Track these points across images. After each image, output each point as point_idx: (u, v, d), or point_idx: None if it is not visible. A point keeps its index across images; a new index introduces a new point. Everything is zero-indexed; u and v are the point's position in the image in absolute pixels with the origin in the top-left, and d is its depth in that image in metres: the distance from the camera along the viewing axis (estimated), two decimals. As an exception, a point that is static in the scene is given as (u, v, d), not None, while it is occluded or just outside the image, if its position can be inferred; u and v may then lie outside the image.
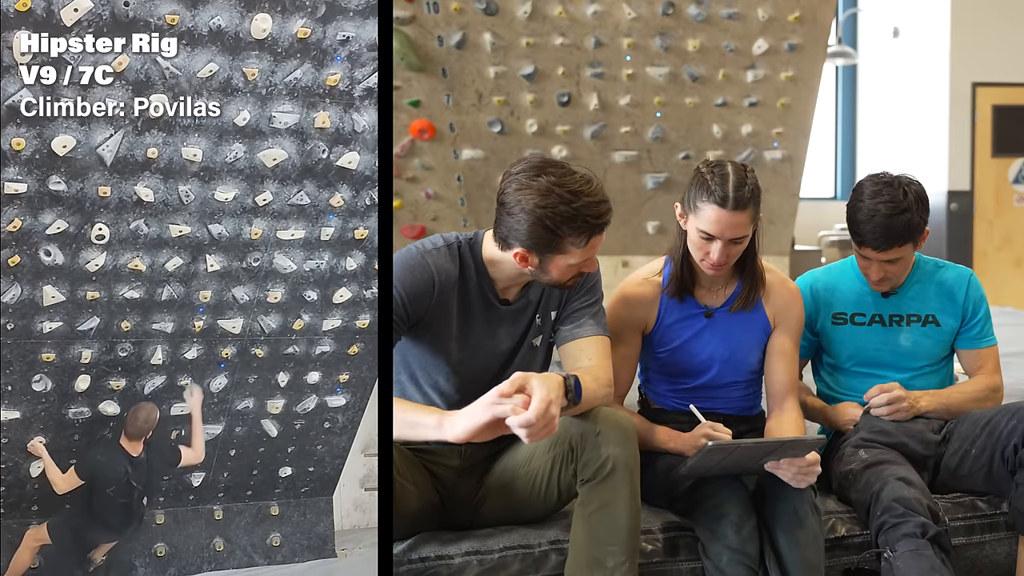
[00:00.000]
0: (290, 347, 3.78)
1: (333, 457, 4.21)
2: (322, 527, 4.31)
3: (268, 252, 3.48)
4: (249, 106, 3.04)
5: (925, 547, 2.33)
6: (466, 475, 2.43)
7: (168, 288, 3.44)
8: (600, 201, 2.20)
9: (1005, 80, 8.51)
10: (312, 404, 3.99)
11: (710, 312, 2.62)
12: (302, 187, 3.31)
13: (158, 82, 2.89)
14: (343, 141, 3.22)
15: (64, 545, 3.62)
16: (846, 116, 9.93)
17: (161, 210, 3.21)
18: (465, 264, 2.35)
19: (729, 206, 2.37)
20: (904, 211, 2.57)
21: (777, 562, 2.34)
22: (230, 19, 2.84)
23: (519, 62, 4.91)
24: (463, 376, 2.37)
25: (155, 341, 3.58)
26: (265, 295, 3.60)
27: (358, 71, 3.08)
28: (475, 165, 5.21)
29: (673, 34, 4.90)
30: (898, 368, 2.81)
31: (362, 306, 3.76)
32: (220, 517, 4.12)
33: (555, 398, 2.06)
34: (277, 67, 2.99)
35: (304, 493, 4.27)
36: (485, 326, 2.39)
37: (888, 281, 2.73)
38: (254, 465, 4.02)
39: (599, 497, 2.20)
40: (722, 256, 2.44)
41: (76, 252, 3.22)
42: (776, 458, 2.32)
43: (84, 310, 3.38)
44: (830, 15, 5.13)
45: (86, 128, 2.91)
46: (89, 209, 3.11)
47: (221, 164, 3.15)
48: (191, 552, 4.04)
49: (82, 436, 3.69)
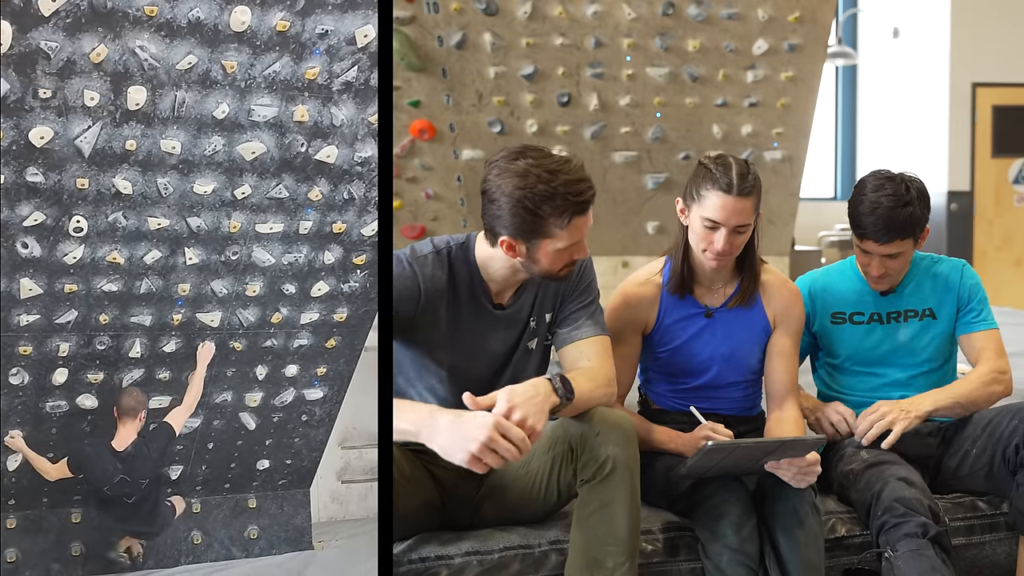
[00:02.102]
0: (268, 340, 3.78)
1: (310, 450, 4.21)
2: (299, 519, 4.31)
3: (247, 245, 3.47)
4: (228, 99, 3.04)
5: (926, 547, 2.32)
6: (466, 475, 2.37)
7: (147, 281, 3.43)
8: (579, 179, 2.18)
9: (1005, 80, 8.45)
10: (290, 397, 3.98)
11: (710, 312, 2.61)
12: (281, 180, 3.31)
13: (137, 74, 2.89)
14: (321, 135, 3.22)
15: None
16: (846, 116, 9.84)
17: (140, 203, 3.19)
18: (456, 269, 2.33)
19: (734, 192, 2.40)
20: (907, 204, 2.58)
21: (777, 562, 2.33)
22: (209, 11, 2.83)
23: (519, 62, 4.88)
24: (458, 380, 2.34)
25: (133, 334, 3.57)
26: (244, 288, 3.58)
27: (336, 65, 3.07)
28: (475, 165, 5.16)
29: (673, 34, 4.87)
30: (897, 366, 2.78)
31: (340, 300, 3.75)
32: (198, 510, 4.11)
33: (522, 402, 2.07)
34: (256, 60, 2.98)
35: (282, 486, 4.26)
36: (477, 331, 2.36)
37: (887, 279, 2.71)
38: (232, 458, 4.02)
39: (599, 497, 2.19)
40: (726, 245, 2.44)
41: (54, 244, 3.20)
42: (776, 458, 2.31)
43: (62, 303, 3.37)
44: (830, 15, 5.09)
45: (64, 119, 2.90)
46: (67, 201, 3.10)
47: (200, 157, 3.14)
48: (169, 545, 4.03)
49: (63, 429, 3.69)
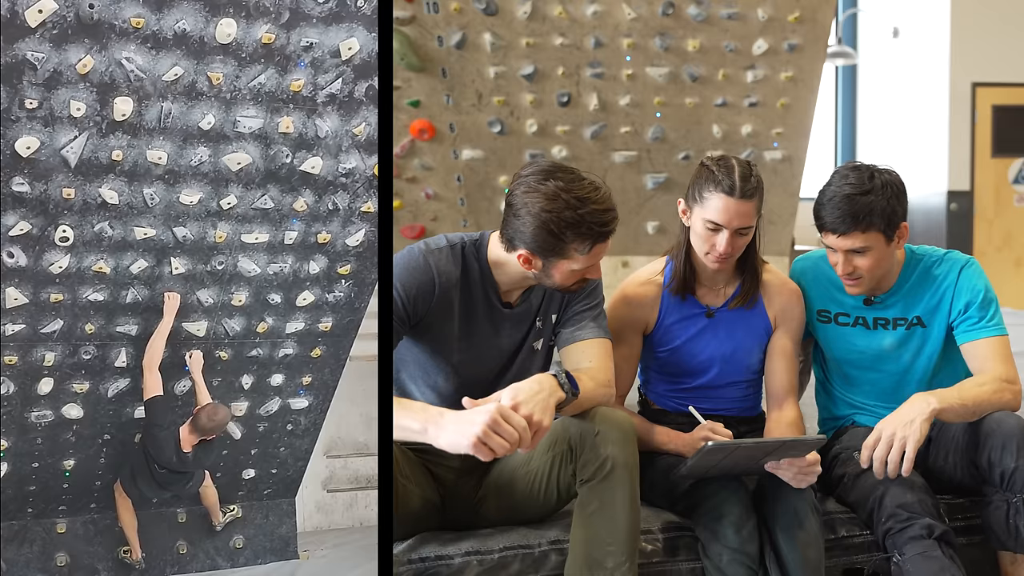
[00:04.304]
0: (254, 350, 3.79)
1: (296, 459, 4.22)
2: (285, 529, 4.31)
3: (232, 255, 3.49)
4: (214, 110, 3.07)
5: (933, 547, 2.30)
6: (466, 475, 2.42)
7: (132, 291, 3.44)
8: (606, 209, 2.20)
9: (1005, 80, 8.38)
10: (275, 406, 3.99)
11: (711, 312, 2.61)
12: (266, 191, 3.33)
13: (123, 85, 2.91)
14: (306, 146, 3.25)
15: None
16: (846, 116, 9.77)
17: (126, 212, 3.21)
18: (468, 265, 2.34)
19: (737, 194, 2.40)
20: (866, 192, 2.40)
21: (777, 562, 2.33)
22: (195, 23, 2.87)
23: (519, 62, 4.85)
24: (463, 377, 2.36)
25: (119, 344, 3.58)
26: (229, 298, 3.60)
27: (321, 77, 3.11)
28: (475, 165, 5.14)
29: (673, 34, 4.83)
30: (886, 373, 2.69)
31: (324, 309, 3.77)
32: (184, 520, 4.11)
33: (527, 398, 2.08)
34: (241, 72, 3.01)
35: (267, 495, 4.26)
36: (487, 327, 2.37)
37: (860, 282, 2.53)
38: (217, 468, 4.02)
39: (598, 497, 2.19)
40: (728, 247, 2.44)
41: (39, 254, 3.21)
42: (776, 458, 2.31)
43: (47, 312, 3.38)
44: (830, 15, 5.03)
45: (50, 130, 2.92)
46: (53, 211, 3.11)
47: (186, 167, 3.17)
48: (154, 555, 4.02)
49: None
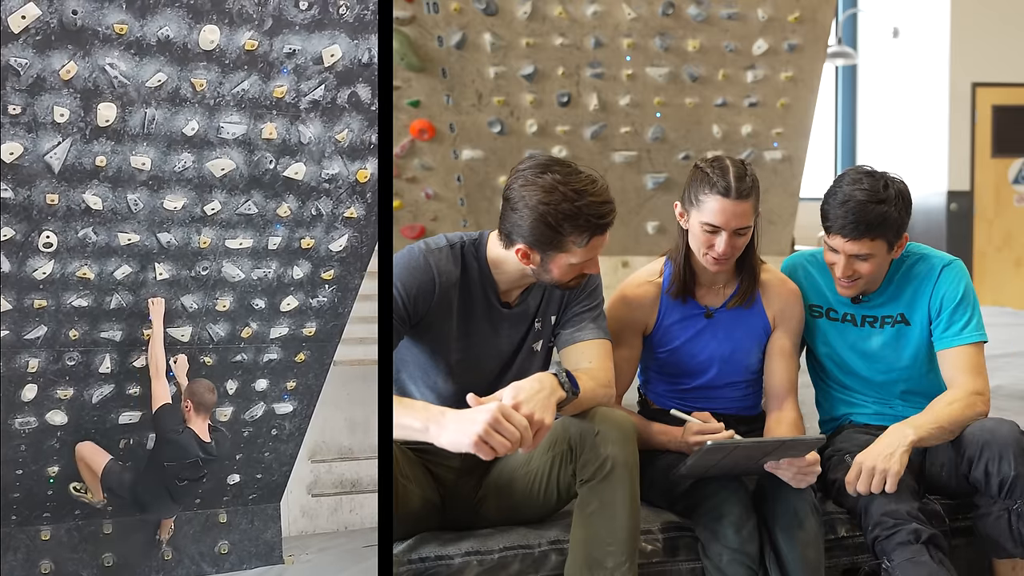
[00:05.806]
0: (238, 355, 3.80)
1: (281, 464, 4.22)
2: (270, 534, 4.31)
3: (216, 261, 3.50)
4: (197, 116, 3.08)
5: (920, 552, 2.30)
6: (466, 475, 2.43)
7: (117, 296, 3.44)
8: (604, 201, 2.20)
9: (1005, 80, 8.39)
10: (260, 411, 4.00)
11: (710, 312, 2.62)
12: (250, 197, 3.35)
13: (107, 91, 2.93)
14: (289, 152, 3.27)
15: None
16: (846, 116, 9.72)
17: (110, 218, 3.22)
18: (468, 265, 2.35)
19: (732, 195, 2.40)
20: (881, 201, 2.44)
21: (777, 562, 2.33)
22: (178, 30, 2.88)
23: (519, 62, 4.85)
24: (462, 378, 2.36)
25: (103, 350, 3.58)
26: (214, 303, 3.61)
27: (304, 84, 3.13)
28: (475, 165, 5.14)
29: (673, 34, 4.84)
30: (876, 370, 2.69)
31: (308, 314, 3.78)
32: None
33: (528, 397, 2.09)
34: (225, 78, 3.03)
35: (252, 500, 4.25)
36: (486, 327, 2.37)
37: (855, 284, 2.57)
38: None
39: (598, 497, 2.19)
40: (728, 248, 2.45)
41: (23, 260, 3.21)
42: (776, 458, 2.31)
43: (31, 319, 3.37)
44: (830, 15, 5.03)
45: (34, 135, 2.93)
46: (36, 217, 3.12)
47: (170, 173, 3.18)
48: (139, 562, 4.02)
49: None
